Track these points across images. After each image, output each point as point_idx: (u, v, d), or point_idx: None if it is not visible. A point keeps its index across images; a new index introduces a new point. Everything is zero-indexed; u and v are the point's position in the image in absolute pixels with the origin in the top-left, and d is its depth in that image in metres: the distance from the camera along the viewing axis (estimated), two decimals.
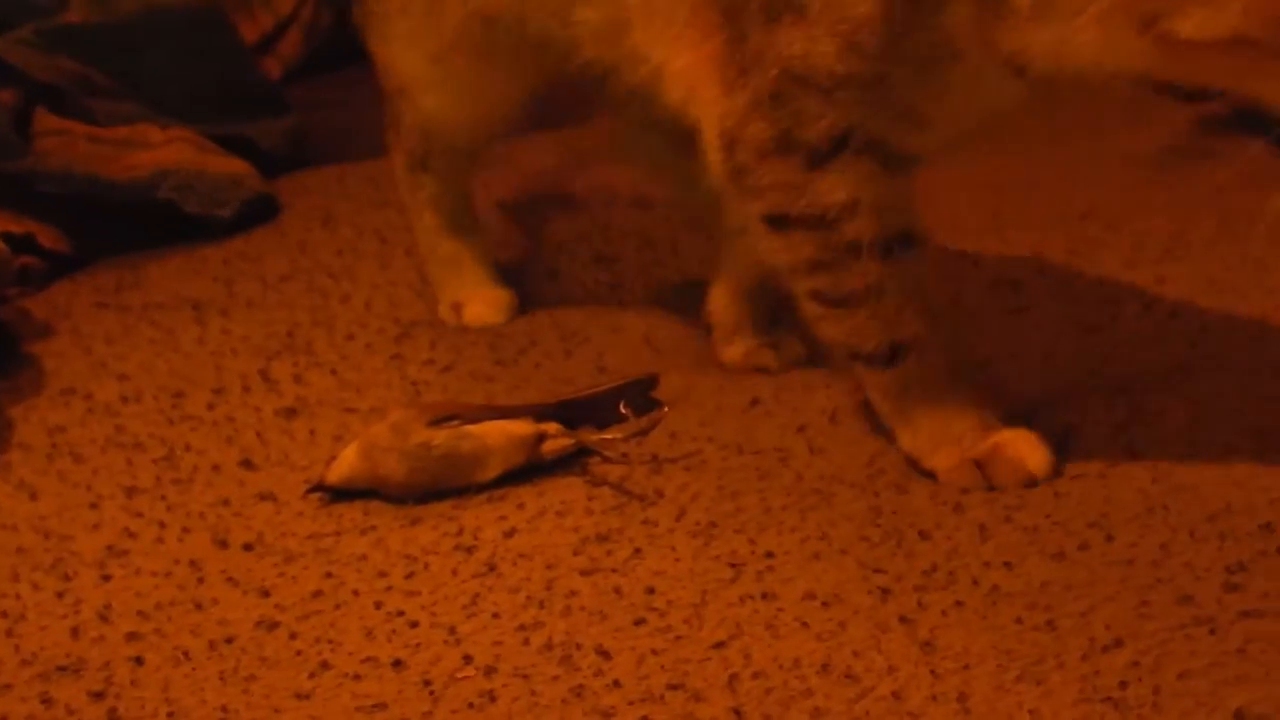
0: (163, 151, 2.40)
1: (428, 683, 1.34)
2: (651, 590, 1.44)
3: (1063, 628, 1.33)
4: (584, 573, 1.47)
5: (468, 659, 1.37)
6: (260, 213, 2.46)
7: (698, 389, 1.80)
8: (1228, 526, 1.44)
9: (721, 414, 1.74)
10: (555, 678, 1.33)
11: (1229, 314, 1.86)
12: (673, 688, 1.30)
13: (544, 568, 1.49)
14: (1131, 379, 1.72)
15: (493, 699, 1.32)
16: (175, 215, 2.38)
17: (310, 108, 2.91)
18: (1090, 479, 1.54)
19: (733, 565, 1.46)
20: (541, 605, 1.43)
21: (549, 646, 1.37)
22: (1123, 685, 1.25)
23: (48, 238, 2.28)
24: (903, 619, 1.36)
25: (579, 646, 1.37)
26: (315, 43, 3.20)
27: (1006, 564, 1.42)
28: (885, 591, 1.40)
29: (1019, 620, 1.35)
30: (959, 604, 1.37)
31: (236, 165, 2.47)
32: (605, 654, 1.35)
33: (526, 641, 1.38)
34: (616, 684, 1.31)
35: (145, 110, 2.48)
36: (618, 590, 1.44)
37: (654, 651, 1.35)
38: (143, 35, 2.57)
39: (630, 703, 1.29)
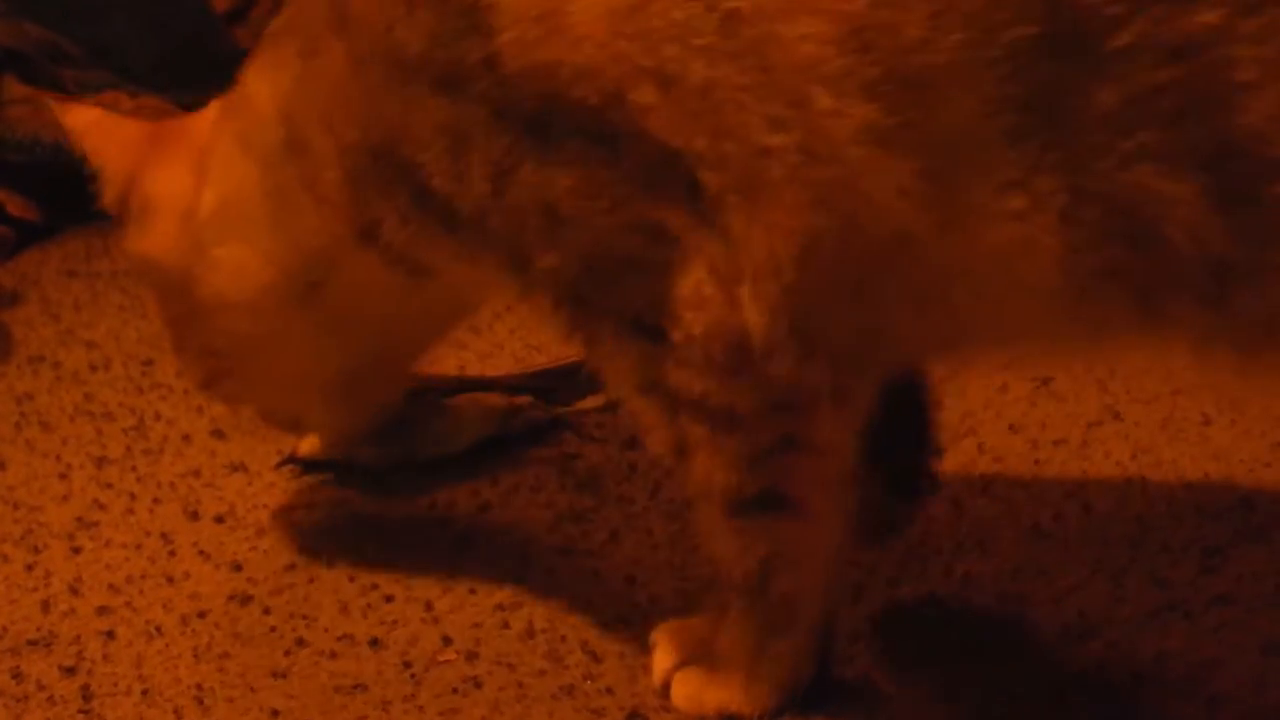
0: None
1: (408, 664, 1.33)
2: (632, 580, 1.42)
3: (1035, 618, 1.33)
4: (561, 551, 1.47)
5: (447, 640, 1.36)
6: None
7: None
8: (1206, 502, 1.44)
9: None
10: (542, 672, 1.32)
11: None
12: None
13: (520, 544, 1.48)
14: None
15: (477, 685, 1.31)
16: None
17: None
18: (1070, 446, 1.54)
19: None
20: (519, 583, 1.43)
21: (531, 633, 1.36)
22: (1100, 668, 1.26)
23: (16, 206, 2.27)
24: (874, 623, 1.34)
25: (564, 639, 1.35)
26: None
27: (980, 543, 1.42)
28: (859, 589, 1.38)
29: (991, 613, 1.34)
30: (930, 598, 1.37)
31: None
32: (593, 655, 1.34)
33: (506, 625, 1.38)
34: (609, 691, 1.30)
35: (115, 78, 2.46)
36: (597, 574, 1.44)
37: (646, 669, 1.31)
38: (112, 2, 2.55)
39: (621, 707, 1.28)
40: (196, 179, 1.37)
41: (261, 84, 1.32)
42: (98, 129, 1.46)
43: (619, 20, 1.07)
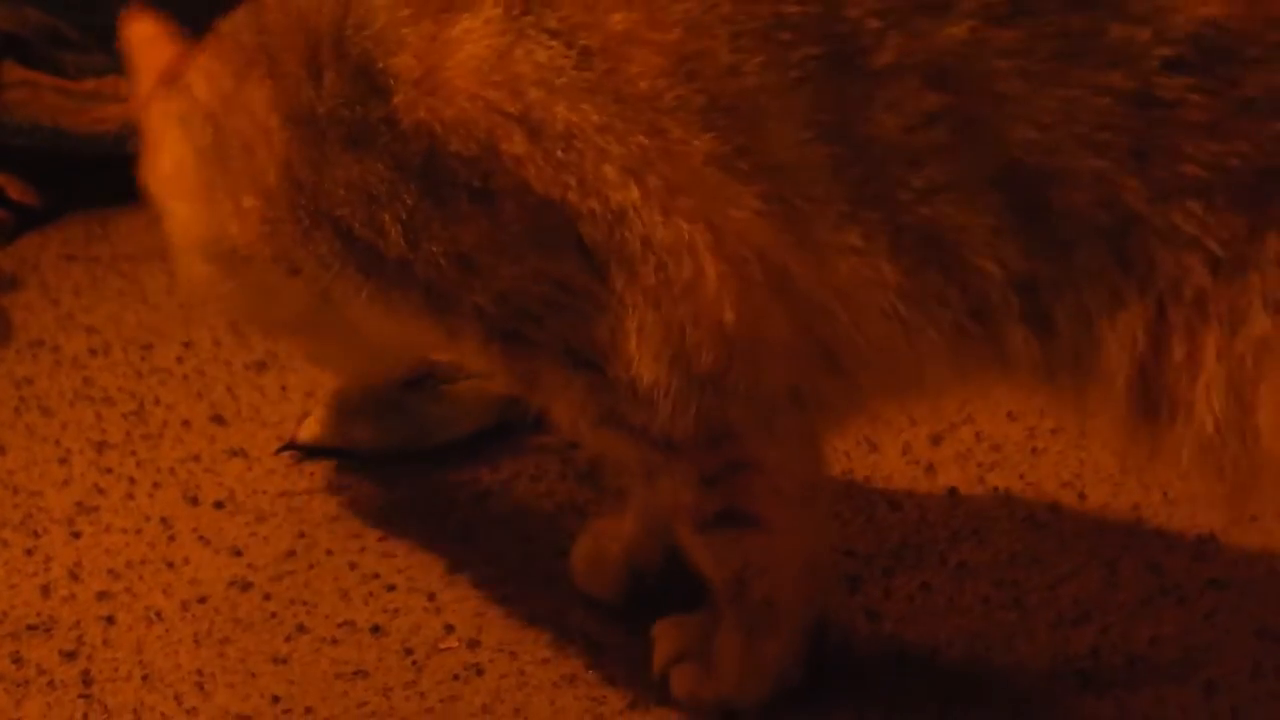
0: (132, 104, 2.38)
1: (409, 651, 1.34)
2: (633, 571, 1.41)
3: (1030, 604, 1.34)
4: (562, 542, 1.45)
5: (449, 628, 1.37)
6: None
7: None
8: (1200, 489, 1.43)
9: None
10: (544, 660, 1.33)
11: None
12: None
13: (521, 533, 1.49)
14: None
15: (479, 672, 1.32)
16: None
17: None
18: (1067, 434, 1.54)
19: None
20: (521, 572, 1.43)
21: (532, 622, 1.37)
22: (1094, 654, 1.26)
23: (15, 190, 2.27)
24: (869, 613, 1.35)
25: (565, 629, 1.36)
26: None
27: (976, 532, 1.42)
28: (855, 580, 1.39)
29: (986, 600, 1.35)
30: (925, 587, 1.38)
31: None
32: (595, 645, 1.35)
33: (508, 613, 1.38)
34: (610, 681, 1.31)
35: (114, 63, 2.46)
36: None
37: (646, 660, 1.32)
38: None
39: (622, 697, 1.29)
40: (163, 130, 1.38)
41: (200, 80, 1.33)
42: (140, 46, 1.46)
43: (488, 69, 1.09)
